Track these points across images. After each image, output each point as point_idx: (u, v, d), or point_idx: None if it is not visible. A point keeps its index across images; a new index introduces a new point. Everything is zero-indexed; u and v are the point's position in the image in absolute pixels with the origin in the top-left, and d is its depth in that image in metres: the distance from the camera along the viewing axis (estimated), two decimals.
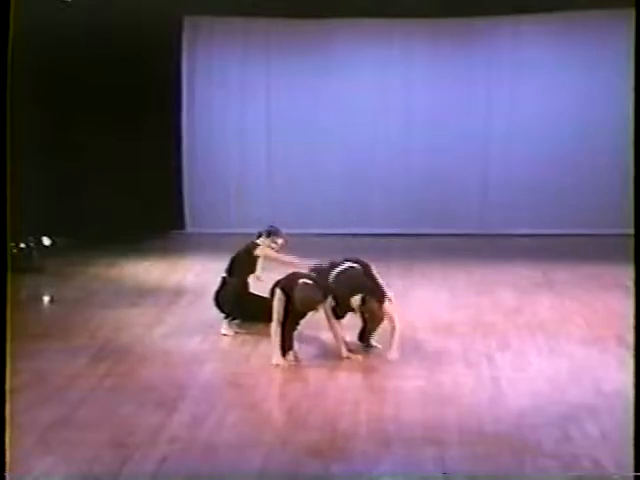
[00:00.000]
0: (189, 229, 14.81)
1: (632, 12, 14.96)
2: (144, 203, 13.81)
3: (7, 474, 4.17)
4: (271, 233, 8.46)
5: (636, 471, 4.11)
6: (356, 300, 7.19)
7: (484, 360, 7.13)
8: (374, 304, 7.16)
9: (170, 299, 9.61)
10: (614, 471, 4.85)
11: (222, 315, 8.24)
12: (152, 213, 13.96)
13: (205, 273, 11.11)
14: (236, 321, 8.23)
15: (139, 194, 13.76)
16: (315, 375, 6.90)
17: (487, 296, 9.55)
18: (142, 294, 9.83)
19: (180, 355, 7.40)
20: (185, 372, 6.92)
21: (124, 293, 9.93)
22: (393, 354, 7.12)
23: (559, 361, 7.11)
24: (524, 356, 7.28)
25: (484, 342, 7.64)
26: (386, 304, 7.27)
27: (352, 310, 7.31)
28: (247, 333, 8.06)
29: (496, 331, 8.06)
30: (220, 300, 8.37)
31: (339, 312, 7.39)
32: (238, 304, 8.21)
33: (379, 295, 7.30)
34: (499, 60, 14.44)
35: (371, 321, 7.28)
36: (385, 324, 7.29)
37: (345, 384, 6.59)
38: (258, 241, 8.46)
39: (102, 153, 13.65)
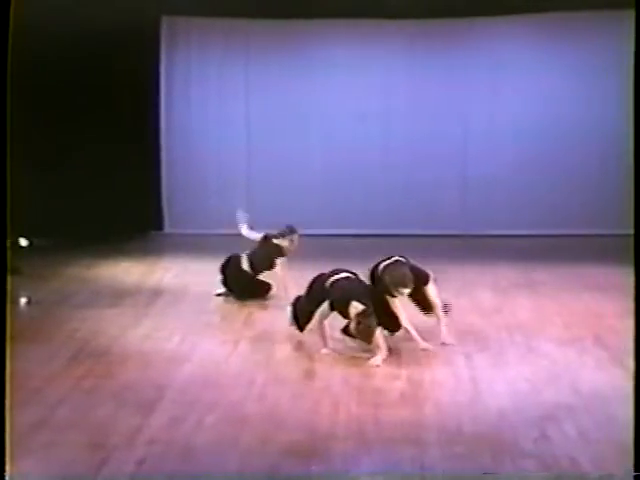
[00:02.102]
0: (168, 230, 14.79)
1: (610, 14, 15.12)
2: (122, 204, 13.78)
3: (7, 474, 4.16)
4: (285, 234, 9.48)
5: (636, 471, 4.13)
6: (356, 307, 7.14)
7: (463, 360, 7.14)
8: (372, 319, 7.10)
9: (149, 300, 9.58)
10: (591, 470, 4.87)
11: (203, 317, 8.31)
12: (130, 214, 13.93)
13: (184, 274, 11.11)
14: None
15: (117, 195, 13.72)
16: (294, 375, 6.90)
17: (467, 297, 9.57)
18: (121, 295, 9.80)
19: (159, 356, 7.38)
20: (164, 373, 6.90)
21: (102, 294, 9.89)
22: (376, 360, 7.07)
23: (538, 361, 7.13)
24: (503, 356, 7.30)
25: (463, 342, 7.65)
26: (377, 332, 7.15)
27: (345, 315, 7.29)
28: (225, 334, 8.07)
29: (475, 331, 8.08)
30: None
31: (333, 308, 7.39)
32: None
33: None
34: (478, 61, 14.50)
35: (361, 334, 7.15)
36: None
37: (324, 384, 6.59)
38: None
39: (79, 153, 13.60)
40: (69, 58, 13.39)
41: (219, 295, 9.60)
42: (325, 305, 7.31)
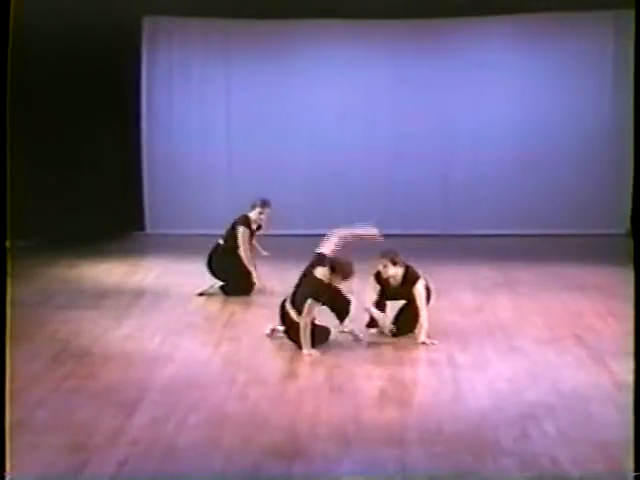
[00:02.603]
0: (149, 230, 14.75)
1: (594, 16, 15.12)
2: (104, 204, 13.73)
3: (7, 474, 4.15)
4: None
5: (636, 471, 4.18)
6: (324, 270, 7.23)
7: (444, 360, 7.17)
8: (347, 264, 7.33)
9: (131, 301, 9.56)
10: (571, 469, 4.91)
11: (185, 317, 8.29)
12: (112, 214, 13.88)
13: (166, 274, 11.09)
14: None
15: (99, 195, 13.67)
16: (276, 375, 6.91)
17: (448, 296, 9.59)
18: (102, 296, 9.77)
19: (141, 356, 7.38)
20: (146, 373, 6.89)
21: (84, 295, 9.86)
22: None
23: (518, 361, 7.17)
24: (484, 356, 7.33)
25: (445, 342, 7.68)
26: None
27: (324, 290, 7.33)
28: (207, 334, 8.07)
29: (456, 331, 8.12)
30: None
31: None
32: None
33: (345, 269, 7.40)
34: (462, 62, 14.51)
35: (335, 300, 7.26)
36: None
37: (306, 384, 6.61)
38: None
39: (60, 153, 13.54)
40: (48, 58, 13.31)
41: (201, 295, 9.60)
42: (308, 302, 7.31)
